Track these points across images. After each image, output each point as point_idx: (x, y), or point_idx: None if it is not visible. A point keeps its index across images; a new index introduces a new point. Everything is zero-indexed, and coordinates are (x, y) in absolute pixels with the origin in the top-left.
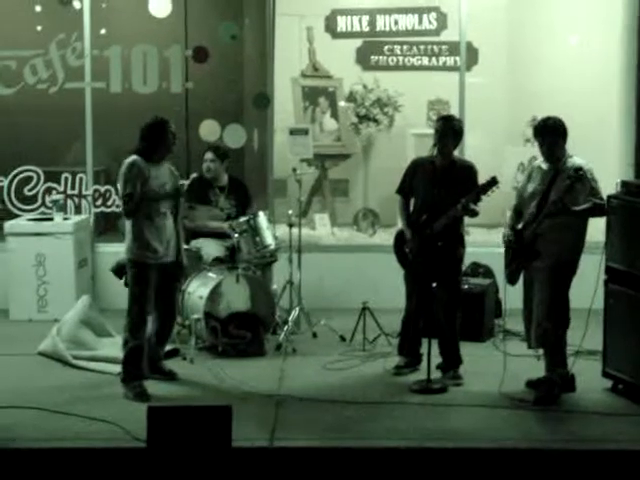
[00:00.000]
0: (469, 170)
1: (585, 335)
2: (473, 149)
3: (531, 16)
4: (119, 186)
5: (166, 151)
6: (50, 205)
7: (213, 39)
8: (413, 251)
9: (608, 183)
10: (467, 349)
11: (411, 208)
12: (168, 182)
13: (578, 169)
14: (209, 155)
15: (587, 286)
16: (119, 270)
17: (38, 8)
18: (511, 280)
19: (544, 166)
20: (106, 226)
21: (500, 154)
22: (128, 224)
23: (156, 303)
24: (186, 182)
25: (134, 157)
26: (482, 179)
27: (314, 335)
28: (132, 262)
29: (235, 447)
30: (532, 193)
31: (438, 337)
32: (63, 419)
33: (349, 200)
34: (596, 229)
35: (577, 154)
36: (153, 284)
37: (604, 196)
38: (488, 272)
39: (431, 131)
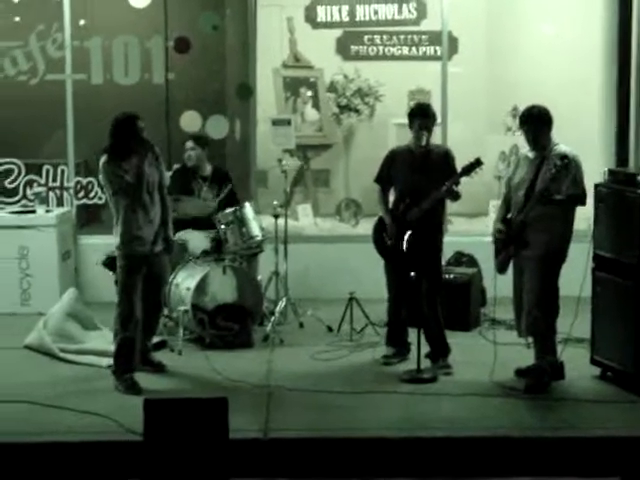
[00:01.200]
0: (445, 155)
1: (574, 323)
2: (454, 138)
3: (511, 6)
4: (105, 185)
5: (136, 146)
6: (32, 198)
7: (194, 29)
8: (392, 237)
9: (589, 172)
10: (454, 338)
11: (391, 197)
12: (151, 170)
13: (563, 157)
14: (189, 144)
15: (575, 274)
16: (110, 263)
17: None
18: (501, 269)
19: (530, 155)
20: (88, 218)
21: (481, 143)
22: (115, 217)
23: (144, 295)
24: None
25: (105, 156)
26: (461, 167)
27: (301, 325)
28: (121, 254)
29: (231, 439)
30: (519, 182)
31: (423, 326)
32: (54, 413)
33: (331, 190)
34: (582, 218)
35: (562, 143)
36: (141, 275)
37: (586, 185)
38: (472, 261)
39: None
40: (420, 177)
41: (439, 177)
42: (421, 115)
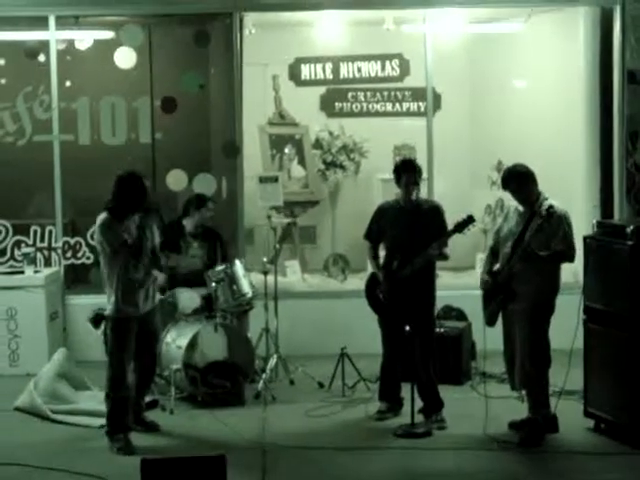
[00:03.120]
0: (436, 210)
1: (567, 375)
2: (440, 193)
3: (492, 61)
4: (102, 244)
5: (139, 206)
6: (20, 258)
7: (180, 89)
8: (386, 294)
9: (575, 224)
10: (446, 392)
11: (382, 252)
12: (149, 234)
13: (548, 208)
14: (211, 204)
15: (566, 326)
16: (97, 320)
17: (3, 61)
18: (490, 322)
19: (521, 208)
20: (76, 278)
21: (467, 197)
22: (108, 279)
23: (137, 354)
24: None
25: (105, 215)
26: (449, 222)
27: (291, 382)
28: (113, 317)
29: None
30: (507, 234)
31: (416, 381)
32: (48, 475)
33: (318, 246)
34: (569, 271)
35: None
36: (134, 335)
37: (575, 242)
38: (461, 315)
39: None
40: (409, 233)
41: (429, 232)
42: (407, 170)
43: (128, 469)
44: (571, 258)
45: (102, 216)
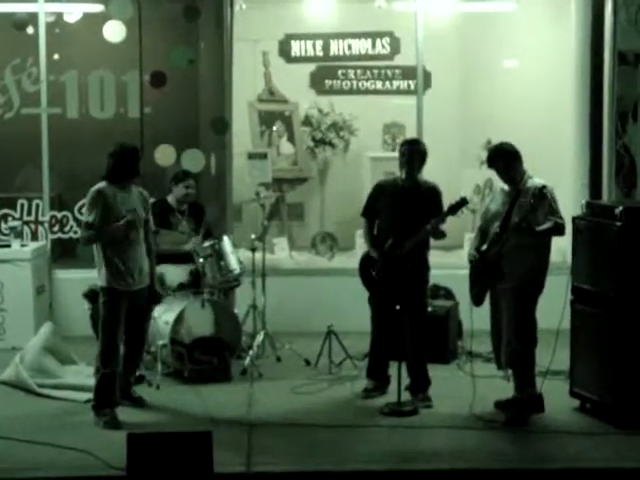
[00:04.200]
0: (433, 191)
1: (554, 355)
2: (429, 172)
3: (483, 40)
4: (92, 213)
5: (136, 174)
6: (7, 232)
7: (169, 64)
8: (379, 273)
9: (564, 204)
10: (432, 371)
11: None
12: (138, 207)
13: (542, 188)
14: (191, 182)
15: (553, 307)
16: (92, 295)
17: None
18: (477, 301)
19: (506, 187)
20: (63, 252)
21: (455, 177)
22: (98, 252)
23: (126, 330)
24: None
25: (101, 184)
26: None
27: (278, 359)
28: (104, 289)
29: (215, 473)
30: (495, 214)
31: (406, 360)
32: (33, 448)
33: (305, 224)
34: (557, 251)
35: (535, 175)
36: (124, 311)
37: (563, 216)
38: (449, 294)
39: (387, 154)
40: (406, 213)
41: (426, 213)
42: (411, 151)
43: (114, 444)
44: (561, 230)
45: (100, 185)
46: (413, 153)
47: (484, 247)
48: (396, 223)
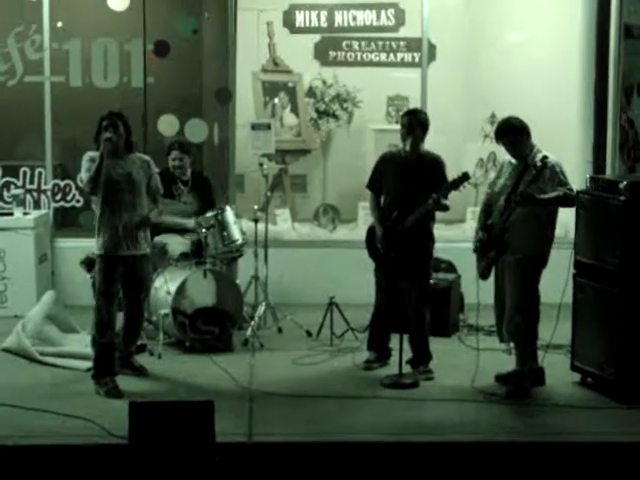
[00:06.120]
0: (437, 163)
1: (555, 329)
2: (432, 145)
3: (489, 14)
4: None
5: (106, 140)
6: (9, 200)
7: (173, 33)
8: (384, 246)
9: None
10: (434, 344)
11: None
12: (135, 172)
13: (543, 158)
14: (176, 153)
15: (555, 281)
16: (89, 263)
17: None
18: (483, 275)
19: (514, 161)
20: (65, 221)
21: (459, 150)
22: (96, 218)
23: (126, 300)
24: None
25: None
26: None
27: (280, 330)
28: (98, 255)
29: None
30: (502, 187)
31: (408, 332)
32: (35, 416)
33: (308, 195)
34: (560, 225)
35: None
36: (119, 279)
37: (573, 188)
38: (451, 267)
39: (391, 126)
40: (410, 184)
41: (430, 185)
42: (411, 122)
43: (115, 412)
44: (572, 201)
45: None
46: (413, 123)
47: (490, 221)
48: (400, 195)
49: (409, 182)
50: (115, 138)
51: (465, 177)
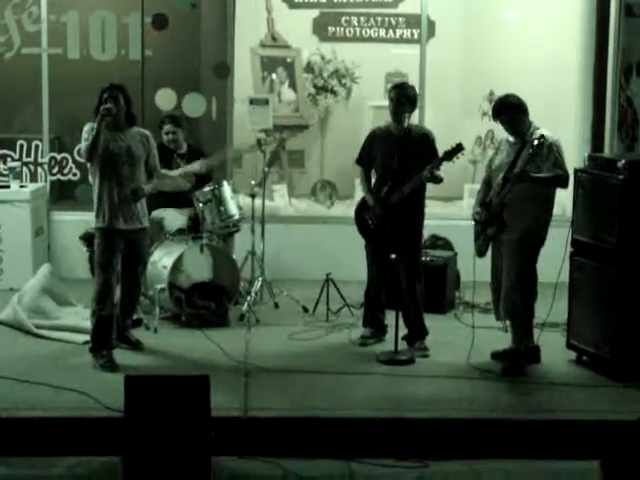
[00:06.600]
0: (426, 137)
1: (551, 307)
2: (430, 122)
3: None
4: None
5: (104, 113)
6: (6, 172)
7: (171, 6)
8: (375, 219)
9: (566, 157)
10: (430, 321)
11: (373, 178)
12: (134, 146)
13: (539, 137)
14: (168, 127)
15: (552, 259)
16: (89, 238)
17: None
18: (480, 253)
19: (512, 139)
20: (62, 194)
21: (457, 128)
22: (94, 192)
23: (122, 273)
24: None
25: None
26: (440, 151)
27: (276, 306)
28: (97, 229)
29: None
30: (499, 165)
31: (401, 308)
32: (31, 388)
33: (305, 171)
34: (557, 204)
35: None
36: (118, 252)
37: (569, 169)
38: (447, 244)
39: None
40: (400, 159)
41: (420, 159)
42: (397, 96)
43: (111, 385)
44: (565, 182)
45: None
46: (401, 97)
47: (488, 199)
48: (390, 170)
49: (398, 157)
50: (114, 110)
51: (459, 148)
